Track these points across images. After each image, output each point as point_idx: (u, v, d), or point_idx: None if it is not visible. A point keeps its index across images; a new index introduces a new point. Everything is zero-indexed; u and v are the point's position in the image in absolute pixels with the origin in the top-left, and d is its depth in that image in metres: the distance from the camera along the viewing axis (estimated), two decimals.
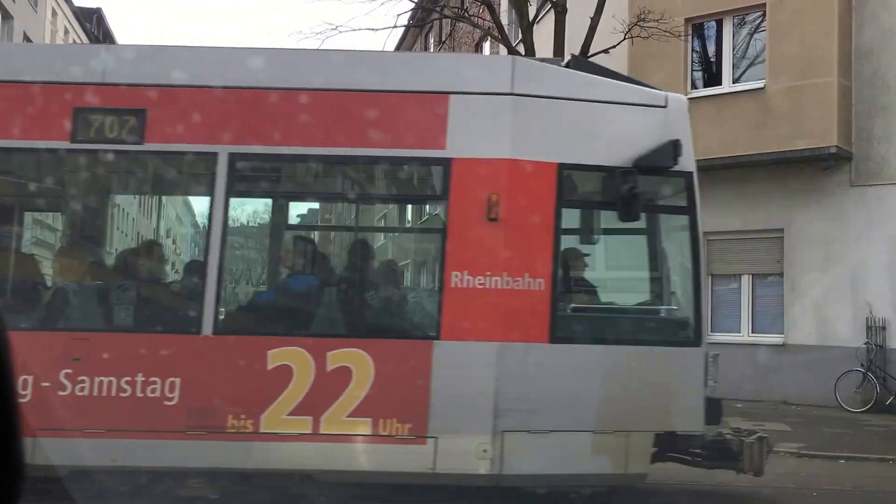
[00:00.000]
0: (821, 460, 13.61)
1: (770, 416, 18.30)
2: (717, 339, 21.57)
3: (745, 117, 20.89)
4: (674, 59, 21.76)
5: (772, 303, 21.64)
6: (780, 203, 21.09)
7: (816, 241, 20.71)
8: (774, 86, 20.38)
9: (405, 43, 51.44)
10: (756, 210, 21.44)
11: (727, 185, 21.77)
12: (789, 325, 21.03)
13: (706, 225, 21.99)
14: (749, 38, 21.56)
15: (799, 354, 20.65)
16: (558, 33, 19.41)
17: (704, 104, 21.57)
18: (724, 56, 21.59)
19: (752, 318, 21.84)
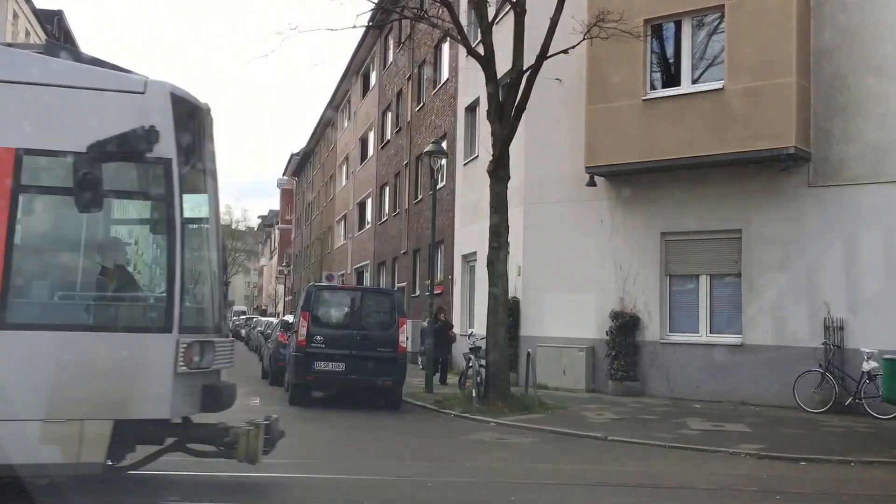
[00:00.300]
0: (782, 462, 13.54)
1: (728, 416, 18.34)
2: (675, 339, 21.76)
3: (703, 118, 20.92)
4: (633, 59, 21.73)
5: (729, 303, 21.70)
6: (737, 203, 21.14)
7: (774, 241, 20.77)
8: (733, 86, 20.41)
9: (364, 45, 51.31)
10: (714, 210, 21.49)
11: (685, 186, 21.84)
12: (747, 325, 21.07)
13: (665, 224, 22.34)
14: (708, 39, 21.57)
15: (757, 354, 20.72)
16: (518, 34, 19.35)
17: (663, 104, 21.64)
18: (684, 57, 21.58)
19: (710, 319, 21.90)
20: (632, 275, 22.66)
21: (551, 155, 24.16)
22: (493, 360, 19.33)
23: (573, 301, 23.49)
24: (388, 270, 44.72)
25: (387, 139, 46.80)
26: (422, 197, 37.30)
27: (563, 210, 23.97)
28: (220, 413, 9.73)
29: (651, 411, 19.24)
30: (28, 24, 49.44)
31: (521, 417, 17.69)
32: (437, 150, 24.01)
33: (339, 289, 23.74)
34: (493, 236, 19.76)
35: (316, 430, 16.39)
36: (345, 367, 19.01)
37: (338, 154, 64.27)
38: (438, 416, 18.88)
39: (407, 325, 20.49)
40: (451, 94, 33.65)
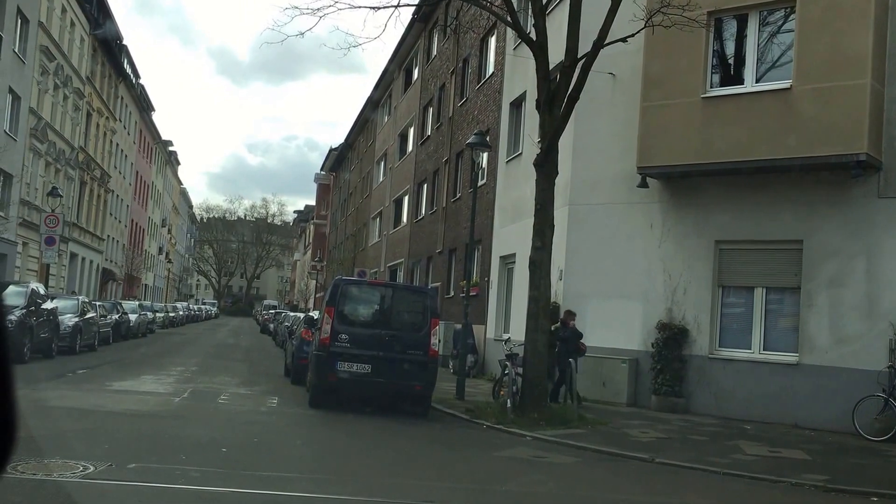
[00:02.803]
0: (851, 497, 12.20)
1: (783, 441, 16.98)
2: (725, 354, 20.38)
3: (767, 119, 19.51)
4: (693, 54, 20.40)
5: (786, 319, 20.30)
6: (799, 212, 19.75)
7: (838, 254, 19.35)
8: (801, 86, 18.98)
9: (408, 38, 50.28)
10: (773, 219, 20.09)
11: (744, 191, 20.50)
12: (804, 343, 19.64)
13: (720, 232, 20.95)
14: (775, 35, 20.17)
15: (813, 375, 19.32)
16: (573, 17, 18.02)
17: (724, 104, 20.30)
18: (748, 53, 20.21)
19: (764, 335, 20.47)
20: (682, 284, 21.30)
21: (600, 154, 22.82)
22: (530, 368, 18.01)
23: (617, 309, 22.15)
24: (422, 270, 43.57)
25: (427, 135, 45.64)
26: (460, 195, 36.09)
27: (611, 212, 22.64)
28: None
29: (699, 431, 17.87)
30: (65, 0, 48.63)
31: (559, 432, 16.36)
32: (480, 141, 22.63)
33: (368, 284, 22.08)
34: (537, 235, 18.44)
35: (335, 437, 15.20)
36: (371, 369, 17.68)
37: (376, 149, 63.25)
38: (470, 426, 17.56)
39: (440, 326, 19.12)
40: (495, 88, 32.40)
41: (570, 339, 20.57)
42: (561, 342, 20.48)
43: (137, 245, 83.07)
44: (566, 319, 21.02)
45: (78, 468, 9.80)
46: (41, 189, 45.53)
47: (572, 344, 20.49)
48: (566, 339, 20.56)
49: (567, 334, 20.66)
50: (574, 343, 20.57)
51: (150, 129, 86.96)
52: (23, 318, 24.15)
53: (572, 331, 20.76)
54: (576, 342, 20.61)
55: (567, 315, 21.15)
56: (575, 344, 20.58)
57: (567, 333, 20.68)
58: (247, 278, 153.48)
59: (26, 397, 16.39)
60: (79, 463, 10.02)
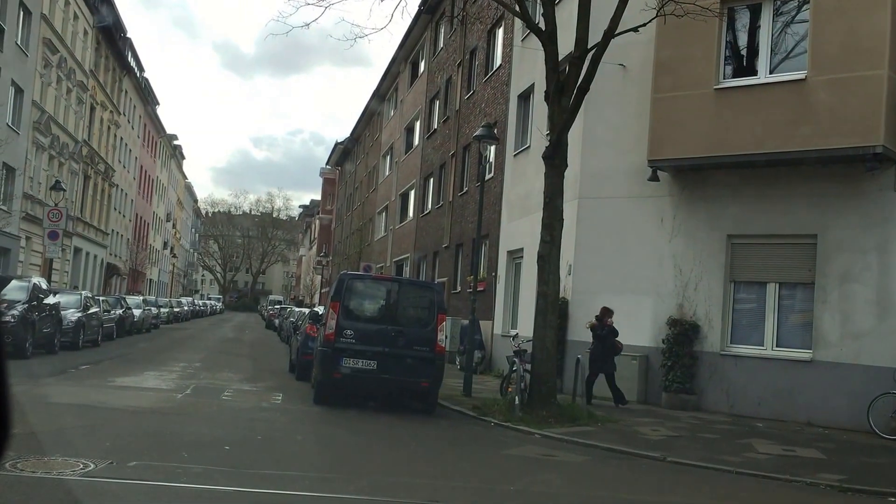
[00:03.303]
0: (868, 497, 11.87)
1: (797, 439, 16.66)
2: (737, 351, 20.06)
3: (781, 111, 19.14)
4: (705, 45, 20.05)
5: (799, 315, 19.93)
6: (814, 206, 19.40)
7: (853, 249, 19.00)
8: (816, 77, 18.62)
9: (414, 31, 49.94)
10: (787, 213, 19.75)
11: (757, 185, 20.17)
12: (818, 339, 19.29)
13: (732, 226, 20.58)
14: (789, 24, 19.80)
15: (827, 372, 18.97)
16: (583, 6, 17.64)
17: (737, 95, 19.96)
18: (761, 43, 19.85)
19: (777, 331, 20.12)
20: (693, 279, 20.95)
21: (610, 147, 22.47)
22: (539, 365, 17.68)
23: (627, 305, 21.75)
24: (428, 264, 43.21)
25: (433, 128, 45.27)
26: (467, 189, 35.76)
27: (621, 206, 22.28)
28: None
29: (710, 429, 17.53)
30: None
31: (568, 430, 16.02)
32: (488, 134, 22.27)
33: (374, 279, 21.70)
34: (546, 229, 18.09)
35: (340, 435, 14.85)
36: (376, 365, 17.33)
37: (382, 144, 62.92)
38: (477, 423, 17.22)
39: (446, 322, 18.78)
40: (503, 80, 32.04)
41: (608, 337, 20.05)
42: (598, 340, 20.03)
43: (142, 240, 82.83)
44: (603, 317, 20.35)
45: (78, 466, 9.51)
46: (44, 183, 45.28)
47: (609, 342, 20.00)
48: (604, 337, 20.05)
49: (604, 332, 20.12)
50: (611, 341, 20.05)
51: (155, 122, 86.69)
52: (25, 313, 23.85)
53: (609, 329, 20.20)
54: (612, 340, 20.10)
55: (604, 312, 20.47)
56: (612, 342, 20.06)
57: (604, 332, 20.13)
58: (252, 273, 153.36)
59: (28, 393, 16.12)
60: (79, 460, 9.72)
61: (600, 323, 20.21)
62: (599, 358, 19.92)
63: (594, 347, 19.98)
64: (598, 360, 19.94)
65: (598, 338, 20.08)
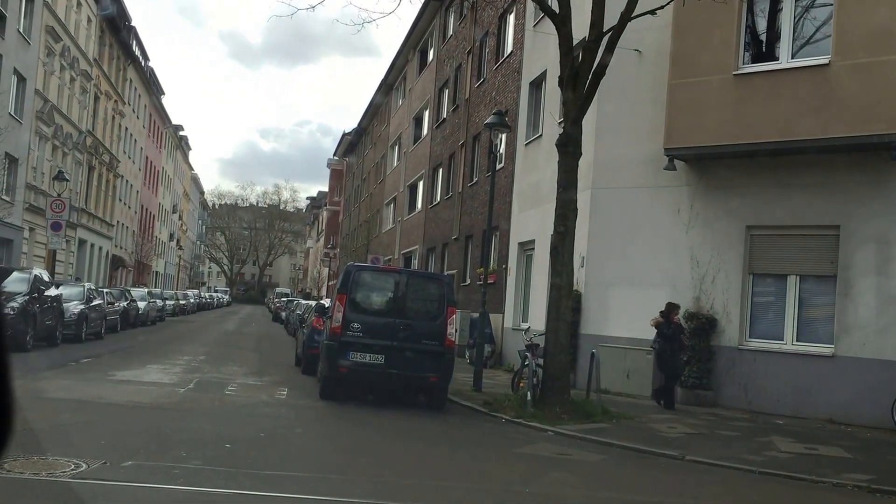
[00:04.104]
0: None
1: (819, 436, 16.10)
2: (755, 345, 19.52)
3: (803, 97, 18.53)
4: (725, 29, 19.43)
5: (821, 308, 19.31)
6: (837, 196, 18.79)
7: (877, 240, 18.40)
8: (840, 62, 17.99)
9: (423, 18, 49.31)
10: (809, 203, 19.15)
11: (777, 174, 19.59)
12: (840, 334, 18.69)
13: (751, 217, 19.96)
14: (812, 7, 19.16)
15: (850, 368, 18.37)
16: None
17: (757, 81, 19.34)
18: (783, 27, 19.21)
19: (798, 325, 19.50)
20: (710, 271, 20.35)
21: (625, 135, 21.85)
22: (552, 359, 17.09)
23: (642, 298, 21.16)
24: (437, 257, 42.67)
25: (443, 118, 44.63)
26: (477, 179, 35.16)
27: (636, 196, 21.67)
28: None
29: (729, 426, 16.96)
30: None
31: (582, 427, 15.47)
32: (499, 121, 21.66)
33: (382, 270, 21.10)
34: (560, 219, 17.49)
35: (346, 431, 14.30)
36: (384, 359, 16.77)
37: (390, 134, 62.31)
38: (487, 420, 16.66)
39: (456, 315, 18.19)
40: (514, 67, 31.41)
41: (675, 335, 18.90)
42: (664, 340, 18.91)
43: (148, 231, 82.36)
44: (669, 313, 19.07)
45: (69, 466, 8.98)
46: (48, 173, 44.76)
47: (676, 341, 18.91)
48: (671, 336, 18.87)
49: (671, 331, 18.90)
50: (678, 340, 18.96)
51: (160, 113, 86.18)
52: (25, 305, 23.35)
53: (676, 326, 19.10)
54: (679, 339, 19.00)
55: (669, 308, 19.18)
56: (679, 341, 18.99)
57: (671, 330, 18.90)
58: (259, 266, 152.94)
59: (25, 387, 15.62)
60: (70, 460, 9.19)
61: (666, 320, 18.98)
62: (669, 358, 18.82)
63: (661, 347, 18.87)
64: (669, 362, 18.85)
65: (664, 336, 18.90)
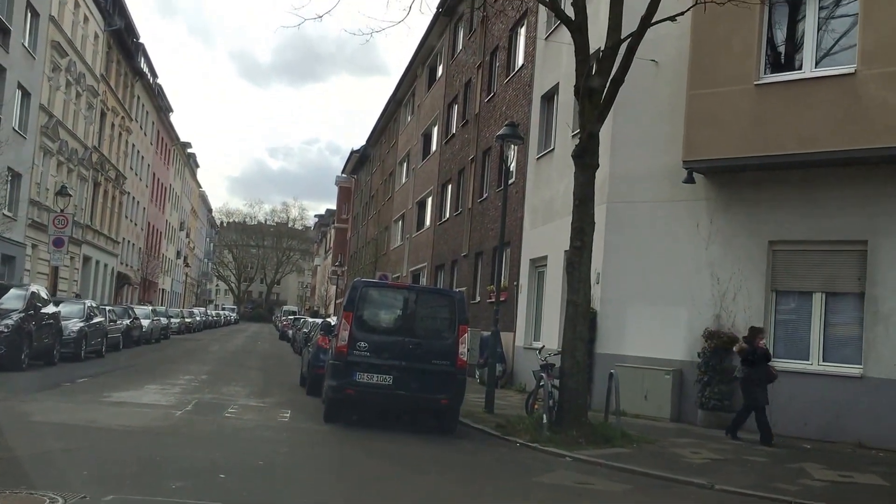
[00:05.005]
0: None
1: (851, 462, 15.28)
2: (780, 366, 18.68)
3: (828, 108, 17.75)
4: (745, 37, 18.70)
5: (848, 327, 18.47)
6: (864, 210, 17.97)
7: None
8: (866, 71, 17.20)
9: (432, 34, 48.76)
10: (835, 217, 18.33)
11: (801, 187, 18.83)
12: (869, 354, 17.84)
13: (774, 232, 19.12)
14: (836, 14, 18.39)
15: (880, 389, 17.53)
16: None
17: (780, 91, 18.58)
18: (807, 35, 18.43)
19: (824, 344, 18.65)
20: (731, 289, 19.54)
21: (641, 147, 21.09)
22: (568, 380, 16.30)
23: (660, 316, 20.41)
24: (446, 274, 41.94)
25: (452, 133, 43.98)
26: (487, 195, 34.43)
27: (653, 211, 20.89)
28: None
29: (755, 451, 16.14)
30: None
31: (602, 452, 14.68)
32: (512, 133, 20.93)
33: (390, 287, 20.31)
34: (576, 234, 16.74)
35: (351, 459, 13.46)
36: (392, 380, 15.98)
37: (399, 150, 61.69)
38: (501, 444, 15.87)
39: (467, 333, 17.38)
40: (525, 81, 30.70)
41: (761, 362, 17.38)
42: (748, 366, 17.44)
43: (154, 249, 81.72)
44: (754, 338, 17.55)
45: (44, 502, 8.17)
46: (52, 189, 44.08)
47: (762, 368, 17.38)
48: (755, 362, 17.34)
49: (757, 357, 17.36)
50: (764, 367, 17.42)
51: (168, 130, 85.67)
52: (20, 322, 22.64)
53: (763, 352, 17.54)
54: (766, 366, 17.45)
55: (754, 333, 17.65)
56: (765, 368, 17.45)
57: (757, 356, 17.36)
58: (267, 284, 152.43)
59: (12, 409, 14.95)
60: (46, 494, 8.39)
61: (751, 346, 17.49)
62: (754, 387, 17.32)
63: (746, 375, 17.48)
64: (754, 390, 17.34)
65: (748, 363, 17.43)
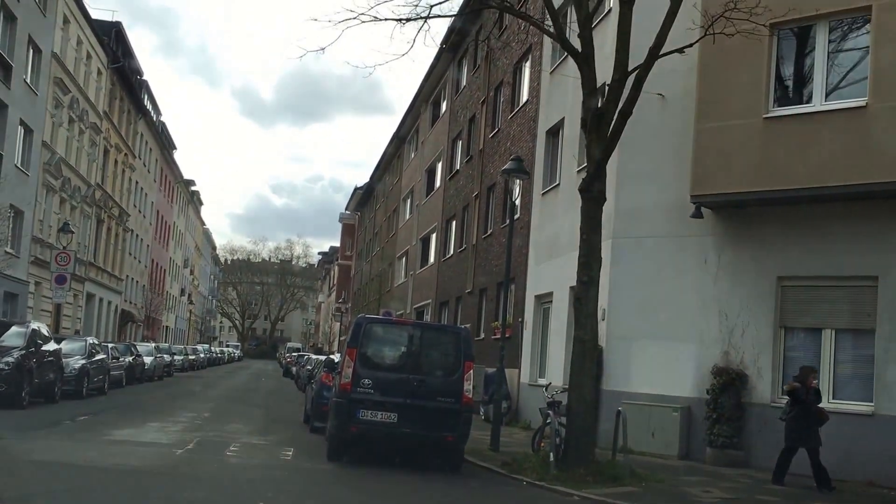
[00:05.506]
0: None
1: (863, 502, 14.94)
2: None
3: (838, 141, 17.55)
4: (754, 70, 18.52)
5: (859, 364, 18.20)
6: (875, 245, 17.73)
7: None
8: (877, 104, 17.02)
9: (436, 71, 48.71)
10: (845, 253, 18.09)
11: (810, 222, 18.61)
12: (881, 391, 17.56)
13: (783, 267, 18.81)
14: (846, 47, 18.22)
15: (892, 427, 17.23)
16: (623, 27, 16.09)
17: (789, 124, 18.39)
18: (816, 68, 18.25)
19: (834, 381, 18.37)
20: (739, 325, 19.28)
21: (648, 182, 20.89)
22: (576, 417, 15.99)
23: (667, 353, 20.13)
24: (450, 311, 41.60)
25: (456, 169, 43.79)
26: (491, 231, 34.19)
27: (660, 246, 20.67)
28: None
29: (765, 490, 15.84)
30: (80, 31, 47.34)
31: (610, 491, 14.35)
32: (517, 167, 20.73)
33: (394, 323, 20.06)
34: (583, 269, 16.50)
35: (355, 499, 13.16)
36: (397, 418, 15.70)
37: (402, 187, 61.53)
38: (508, 483, 15.57)
39: (472, 370, 17.09)
40: (530, 117, 30.53)
41: (813, 402, 16.41)
42: (798, 406, 16.43)
43: (158, 286, 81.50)
44: (805, 377, 16.60)
45: None
46: (55, 226, 43.89)
47: (814, 409, 16.44)
48: (808, 403, 16.37)
49: (811, 397, 16.42)
50: (816, 408, 16.46)
51: (172, 167, 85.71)
52: (21, 360, 22.39)
53: (815, 391, 16.60)
54: (817, 407, 16.52)
55: (806, 372, 16.74)
56: (816, 409, 16.50)
57: (811, 396, 16.44)
58: (271, 321, 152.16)
59: (9, 448, 14.68)
60: None
61: (803, 385, 16.50)
62: (803, 428, 16.40)
63: (794, 415, 16.52)
64: (800, 431, 16.43)
65: (798, 403, 16.42)
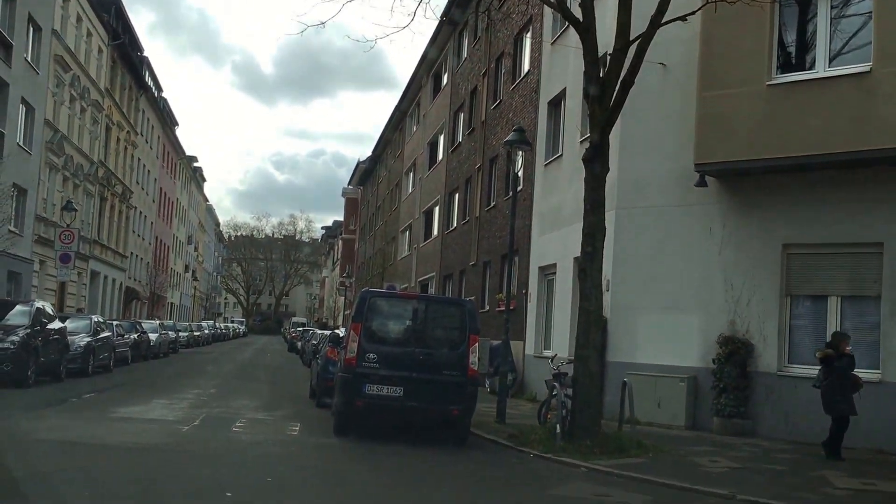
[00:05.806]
0: None
1: (873, 469, 14.96)
2: (796, 371, 18.43)
3: (842, 108, 17.41)
4: (756, 37, 18.38)
5: (865, 331, 18.09)
6: (880, 211, 17.64)
7: None
8: (882, 69, 16.86)
9: (436, 43, 48.48)
10: (850, 219, 18.00)
11: (816, 189, 18.50)
12: (887, 358, 17.52)
13: (788, 235, 18.76)
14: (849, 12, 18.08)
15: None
16: None
17: (793, 91, 18.25)
18: (819, 34, 18.10)
19: None
20: (745, 294, 19.21)
21: (651, 151, 20.77)
22: (582, 389, 15.94)
23: (673, 323, 20.07)
24: (454, 283, 41.60)
25: (458, 142, 43.66)
26: (495, 203, 34.10)
27: (664, 215, 20.58)
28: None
29: (773, 458, 15.79)
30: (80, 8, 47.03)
31: (617, 462, 14.32)
32: (520, 138, 20.61)
33: (398, 296, 19.98)
34: (587, 239, 16.42)
35: (362, 474, 13.08)
36: (402, 391, 15.67)
37: (405, 160, 61.38)
38: (514, 455, 15.53)
39: (478, 343, 17.01)
40: (531, 87, 30.38)
41: (847, 369, 15.89)
42: (832, 374, 15.92)
43: (162, 263, 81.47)
44: (839, 343, 16.11)
45: None
46: (58, 205, 43.82)
47: (849, 376, 15.96)
48: (843, 370, 15.84)
49: (844, 364, 15.87)
50: (850, 375, 15.96)
51: (174, 144, 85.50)
52: (26, 338, 22.38)
53: (849, 358, 15.97)
54: (851, 373, 15.99)
55: (838, 338, 16.32)
56: (850, 376, 16.00)
57: (844, 363, 15.88)
58: (275, 296, 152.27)
59: (15, 427, 14.66)
60: None
61: (836, 351, 15.98)
62: (840, 396, 15.86)
63: (829, 383, 16.00)
64: (839, 400, 15.88)
65: (832, 370, 15.91)
